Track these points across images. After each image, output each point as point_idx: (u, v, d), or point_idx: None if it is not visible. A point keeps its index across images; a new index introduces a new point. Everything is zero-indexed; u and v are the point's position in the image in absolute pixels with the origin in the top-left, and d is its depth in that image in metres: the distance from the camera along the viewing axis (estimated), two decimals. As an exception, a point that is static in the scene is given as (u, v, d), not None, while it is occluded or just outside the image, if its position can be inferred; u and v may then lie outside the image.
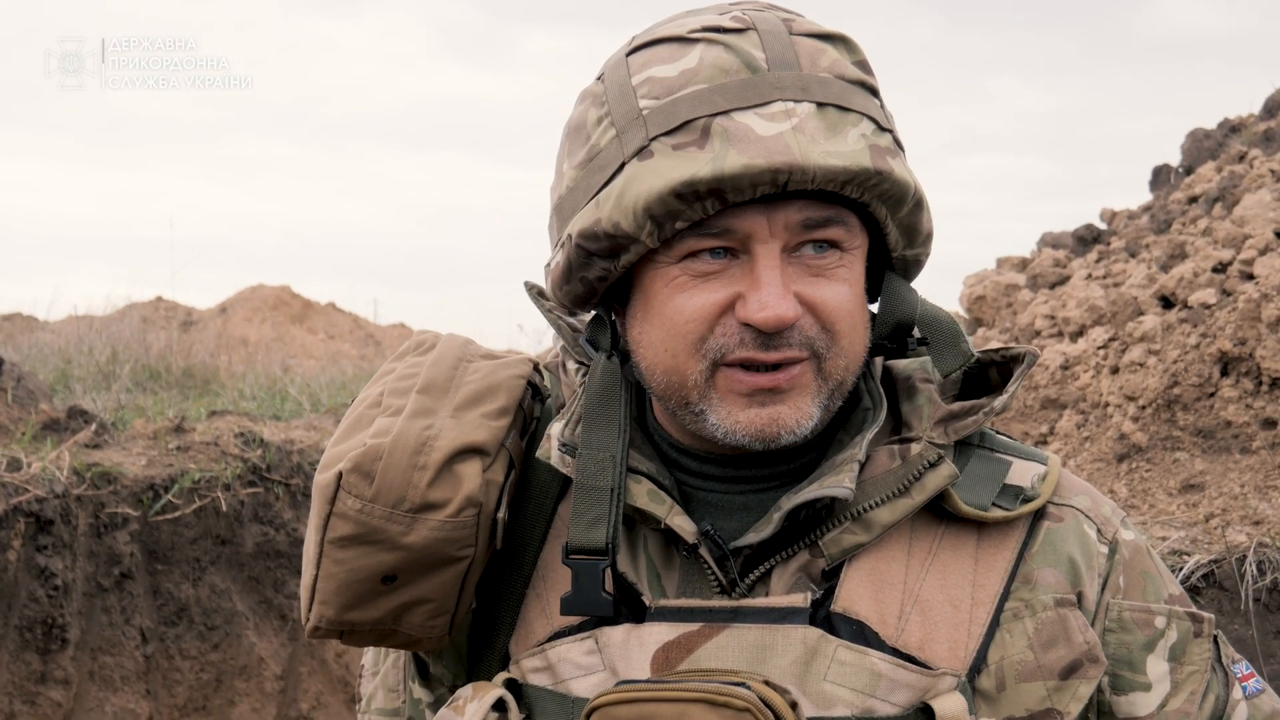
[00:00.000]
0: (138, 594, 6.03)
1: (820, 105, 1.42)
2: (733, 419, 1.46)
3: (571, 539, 1.49)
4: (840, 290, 1.46)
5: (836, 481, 1.45)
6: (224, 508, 6.35)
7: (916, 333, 1.59)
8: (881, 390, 1.54)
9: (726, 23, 1.46)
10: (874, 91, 1.48)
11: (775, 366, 1.45)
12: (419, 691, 1.69)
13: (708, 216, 1.42)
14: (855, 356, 1.49)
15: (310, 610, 1.54)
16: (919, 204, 1.48)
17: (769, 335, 1.43)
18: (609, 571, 1.49)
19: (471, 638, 1.62)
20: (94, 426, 6.37)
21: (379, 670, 1.76)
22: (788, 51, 1.44)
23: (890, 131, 1.47)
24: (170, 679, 6.14)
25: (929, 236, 1.53)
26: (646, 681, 1.44)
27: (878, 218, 1.47)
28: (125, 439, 6.52)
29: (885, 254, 1.54)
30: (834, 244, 1.46)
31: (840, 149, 1.40)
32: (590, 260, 1.48)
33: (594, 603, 1.48)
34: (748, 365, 1.46)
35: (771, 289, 1.42)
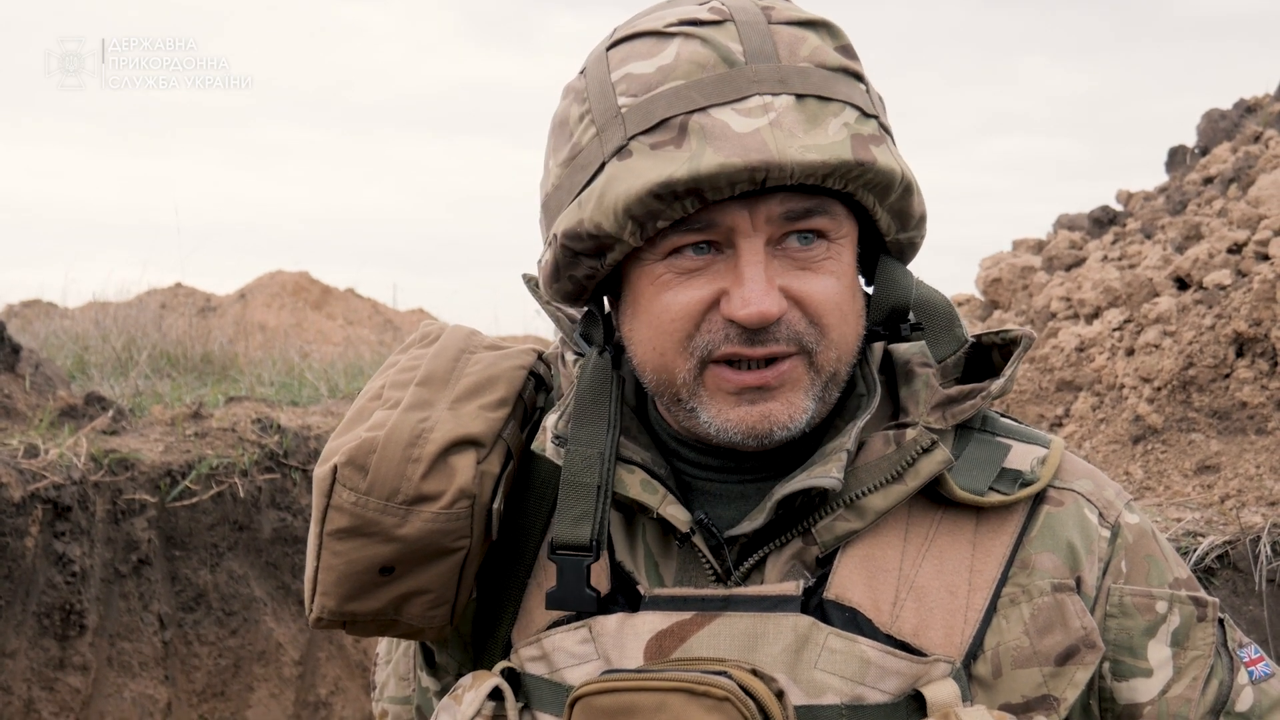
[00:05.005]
0: (155, 580, 6.06)
1: (800, 97, 1.40)
2: (723, 417, 1.46)
3: (557, 535, 1.49)
4: (827, 283, 1.45)
5: (824, 471, 1.45)
6: (241, 494, 6.36)
7: (912, 317, 1.57)
8: (877, 376, 1.53)
9: (704, 15, 1.44)
10: (858, 76, 1.46)
11: (763, 363, 1.44)
12: (426, 680, 1.70)
13: (689, 214, 1.41)
14: (847, 347, 1.48)
15: (313, 601, 1.56)
16: (908, 189, 1.46)
17: (755, 331, 1.42)
18: (592, 568, 1.49)
19: (476, 626, 1.62)
20: (111, 413, 6.38)
21: (391, 658, 1.78)
22: (766, 43, 1.42)
23: (875, 117, 1.45)
24: (189, 665, 6.17)
25: (922, 219, 1.51)
26: (630, 671, 1.45)
27: (865, 205, 1.46)
28: (143, 425, 6.54)
29: (879, 237, 1.53)
30: (820, 234, 1.45)
31: (819, 142, 1.38)
32: (577, 259, 1.49)
33: (577, 598, 1.48)
34: (735, 361, 1.45)
35: (755, 284, 1.41)
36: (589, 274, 1.50)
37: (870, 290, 1.56)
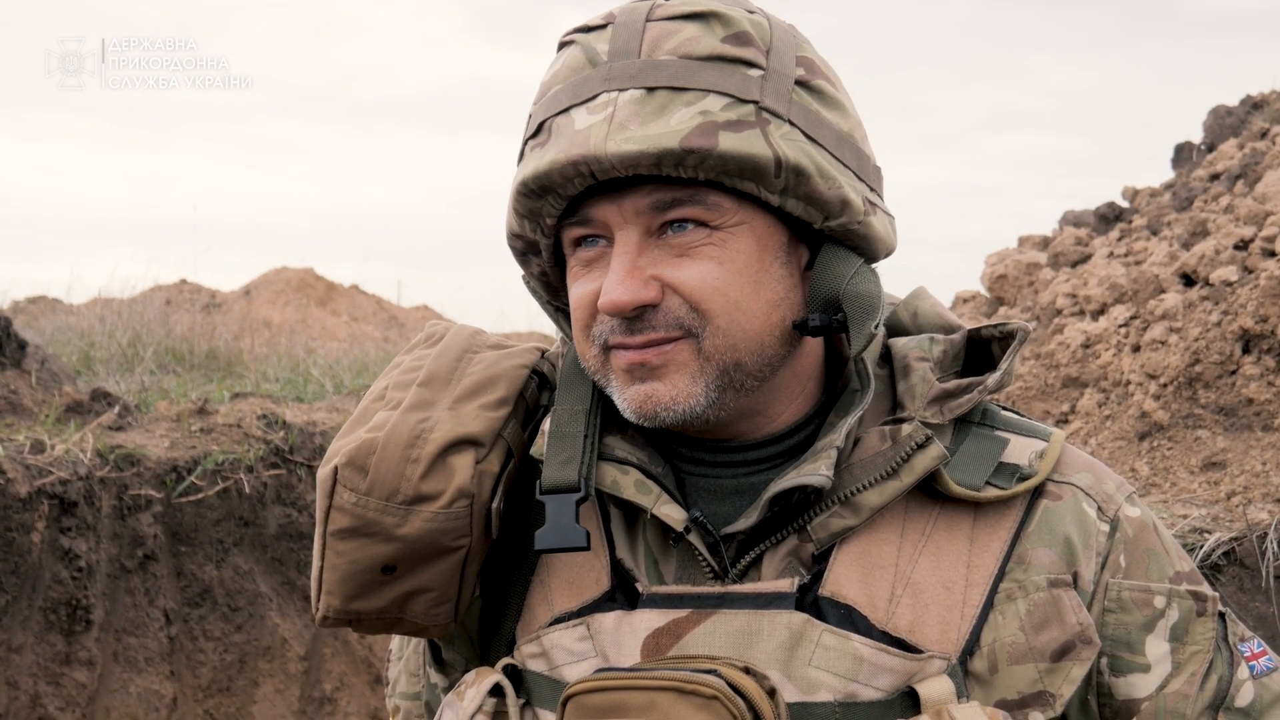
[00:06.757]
0: (161, 575, 6.07)
1: (651, 90, 1.41)
2: (623, 398, 1.49)
3: (545, 478, 1.51)
4: (705, 269, 1.44)
5: (813, 469, 1.46)
6: (247, 489, 6.38)
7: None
8: (872, 371, 1.52)
9: (595, 21, 1.49)
10: (747, 63, 1.44)
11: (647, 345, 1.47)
12: (434, 676, 1.71)
13: (570, 208, 1.46)
14: (743, 336, 1.46)
15: (319, 600, 1.57)
16: (799, 173, 1.42)
17: (631, 319, 1.45)
18: (581, 506, 1.50)
19: (481, 624, 1.63)
20: (117, 409, 6.40)
21: (403, 655, 1.80)
22: (632, 40, 1.44)
23: (753, 102, 1.42)
24: (194, 660, 6.18)
25: (845, 205, 1.46)
26: (622, 670, 1.45)
27: (747, 192, 1.43)
28: (148, 421, 6.56)
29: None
30: (701, 223, 1.44)
31: (651, 132, 1.39)
32: (526, 259, 1.57)
33: (567, 534, 1.48)
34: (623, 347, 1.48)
35: (613, 275, 1.44)
36: (542, 271, 1.57)
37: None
